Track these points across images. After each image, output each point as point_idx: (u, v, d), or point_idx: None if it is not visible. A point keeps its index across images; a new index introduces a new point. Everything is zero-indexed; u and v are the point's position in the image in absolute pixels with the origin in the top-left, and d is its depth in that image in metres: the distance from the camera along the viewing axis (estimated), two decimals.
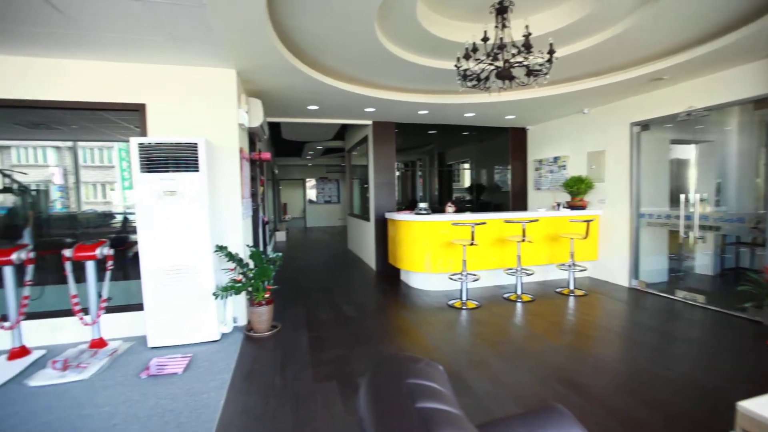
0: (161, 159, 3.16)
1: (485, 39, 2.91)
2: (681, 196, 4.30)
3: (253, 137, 4.87)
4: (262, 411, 2.35)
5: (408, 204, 10.58)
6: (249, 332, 3.55)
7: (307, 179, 14.96)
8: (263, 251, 3.87)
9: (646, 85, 4.45)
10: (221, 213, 3.65)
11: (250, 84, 4.11)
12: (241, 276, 3.47)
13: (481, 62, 3.04)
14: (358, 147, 7.73)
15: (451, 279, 4.63)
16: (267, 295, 3.50)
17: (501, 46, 2.92)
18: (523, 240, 4.64)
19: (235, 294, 3.34)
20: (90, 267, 3.24)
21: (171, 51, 3.22)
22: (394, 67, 4.00)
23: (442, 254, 4.91)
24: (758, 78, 3.71)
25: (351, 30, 3.13)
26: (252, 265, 3.62)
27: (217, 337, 3.39)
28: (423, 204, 5.13)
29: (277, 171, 13.19)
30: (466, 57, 3.04)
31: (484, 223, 4.74)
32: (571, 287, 4.84)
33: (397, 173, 6.92)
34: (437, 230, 4.90)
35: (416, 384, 0.84)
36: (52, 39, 2.93)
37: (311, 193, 15.10)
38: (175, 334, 3.29)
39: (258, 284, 3.40)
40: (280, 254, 3.74)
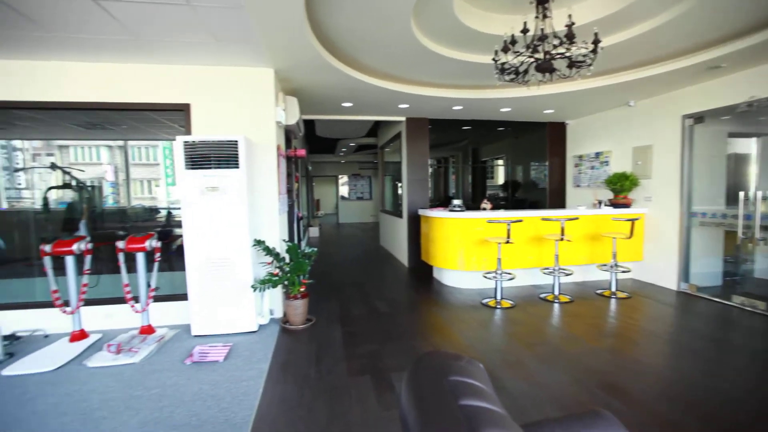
0: (204, 156, 3.31)
1: (525, 30, 2.81)
2: (740, 194, 3.98)
3: (289, 134, 4.99)
4: (298, 401, 2.41)
5: (441, 201, 10.48)
6: (285, 324, 3.66)
7: (340, 176, 15.16)
8: (298, 246, 3.97)
9: (701, 75, 4.14)
10: (259, 208, 3.77)
11: (287, 82, 4.21)
12: (278, 270, 3.58)
13: (520, 55, 2.95)
14: (391, 143, 7.73)
15: (486, 277, 4.54)
16: (302, 289, 3.59)
17: (542, 38, 2.82)
18: (562, 239, 4.47)
19: (272, 287, 3.45)
20: (140, 258, 3.46)
21: (214, 53, 3.36)
22: (429, 63, 3.96)
23: (476, 252, 4.83)
24: None
25: (386, 26, 3.12)
26: (288, 260, 3.72)
27: (255, 328, 3.51)
28: (457, 201, 5.06)
29: (311, 168, 13.46)
30: (505, 50, 2.95)
31: (521, 221, 4.61)
32: (613, 289, 4.62)
33: (430, 170, 6.86)
34: (471, 228, 4.82)
35: (458, 381, 0.83)
36: (109, 45, 3.13)
37: (343, 190, 15.29)
38: (216, 324, 3.44)
39: (294, 278, 3.49)
40: (315, 249, 3.82)
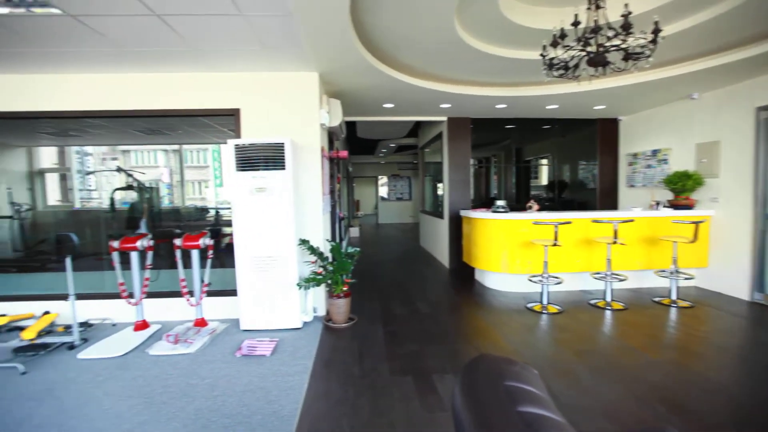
0: (253, 158, 3.46)
1: (576, 23, 2.68)
2: None
3: (332, 136, 5.09)
4: (342, 398, 2.46)
5: (482, 202, 10.25)
6: (328, 323, 3.74)
7: (380, 176, 15.26)
8: (341, 246, 4.05)
9: None
10: (304, 208, 3.89)
11: (331, 85, 4.30)
12: (321, 269, 3.67)
13: (571, 49, 2.82)
14: (432, 144, 7.68)
15: (531, 281, 4.38)
16: (345, 288, 3.65)
17: (595, 30, 2.67)
18: (615, 242, 4.21)
19: (316, 286, 3.54)
20: (195, 255, 3.67)
21: (262, 59, 3.50)
22: (473, 61, 3.89)
23: (521, 254, 4.67)
24: None
25: (429, 25, 3.10)
26: (331, 259, 3.80)
27: (299, 325, 3.62)
28: (501, 202, 4.92)
29: (351, 168, 13.66)
30: (554, 44, 2.84)
31: (569, 223, 4.40)
32: (673, 297, 4.28)
33: (471, 170, 6.72)
34: (516, 229, 4.67)
35: (515, 387, 0.81)
36: (168, 57, 3.36)
37: (383, 190, 15.38)
38: (263, 320, 3.58)
39: (337, 277, 3.56)
40: (358, 249, 3.87)
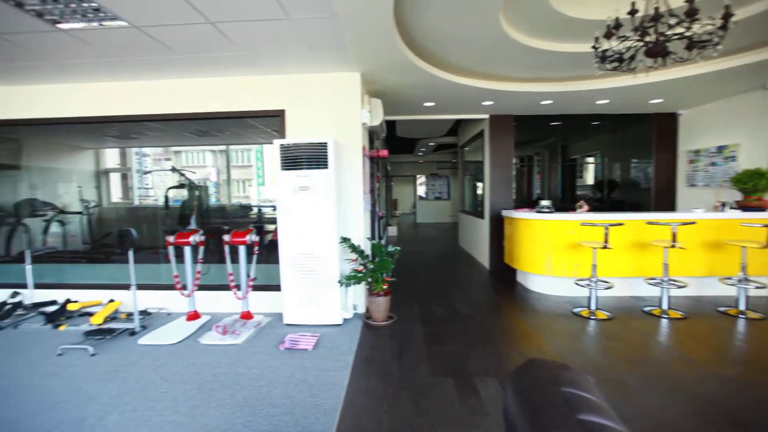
0: (297, 157, 3.57)
1: (633, 12, 2.53)
2: None
3: (372, 135, 5.14)
4: (382, 395, 2.47)
5: (524, 201, 9.92)
6: (367, 320, 3.77)
7: (418, 175, 15.19)
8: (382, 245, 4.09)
9: None
10: (345, 207, 3.95)
11: (372, 85, 4.33)
12: (362, 267, 3.71)
13: (626, 39, 2.66)
14: (472, 142, 7.53)
15: (578, 284, 4.17)
16: (385, 287, 3.67)
17: (655, 17, 2.50)
18: (673, 246, 3.92)
19: (356, 283, 3.59)
20: (242, 250, 3.84)
21: (307, 61, 3.59)
22: (518, 56, 3.77)
23: (567, 257, 4.47)
24: None
25: (473, 22, 3.04)
26: (372, 257, 3.83)
27: (340, 322, 3.69)
28: (545, 201, 4.74)
29: (390, 168, 13.70)
30: (607, 35, 2.69)
31: (621, 224, 4.15)
32: (741, 307, 3.92)
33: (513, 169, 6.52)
34: (562, 230, 4.48)
35: (573, 393, 0.77)
36: (220, 62, 3.53)
37: (421, 190, 15.30)
38: (305, 315, 3.68)
39: (378, 276, 3.59)
40: (399, 248, 3.88)
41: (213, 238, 4.32)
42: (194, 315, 3.86)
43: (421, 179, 15.25)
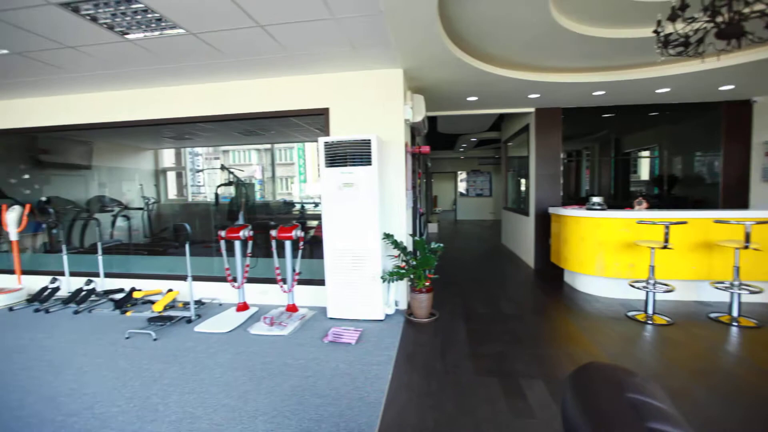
0: (341, 154, 3.63)
1: None
2: None
3: (414, 132, 5.11)
4: (426, 391, 2.47)
5: (571, 198, 9.46)
6: (409, 317, 3.78)
7: (459, 172, 14.94)
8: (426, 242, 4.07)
9: None
10: (387, 203, 3.97)
11: (415, 81, 4.31)
12: (404, 263, 3.72)
13: (694, 21, 2.44)
14: (516, 137, 7.29)
15: (633, 286, 3.92)
16: (427, 284, 3.65)
17: None
18: (746, 247, 3.57)
19: (399, 280, 3.61)
20: (287, 245, 3.98)
21: (350, 59, 3.64)
22: (568, 45, 3.58)
23: (620, 257, 4.21)
24: None
25: (521, 10, 2.93)
26: (414, 254, 3.83)
27: (382, 317, 3.72)
28: (597, 198, 4.49)
29: (430, 164, 13.58)
30: (672, 18, 2.48)
31: (684, 223, 3.84)
32: None
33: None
34: (616, 229, 4.22)
35: (640, 400, 0.73)
36: (268, 63, 3.66)
37: (462, 186, 15.03)
38: (348, 309, 3.75)
39: (420, 272, 3.58)
40: (442, 245, 3.85)
41: (260, 233, 4.51)
42: (243, 306, 4.06)
43: (462, 176, 14.98)
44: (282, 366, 2.83)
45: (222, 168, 8.75)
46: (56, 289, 4.61)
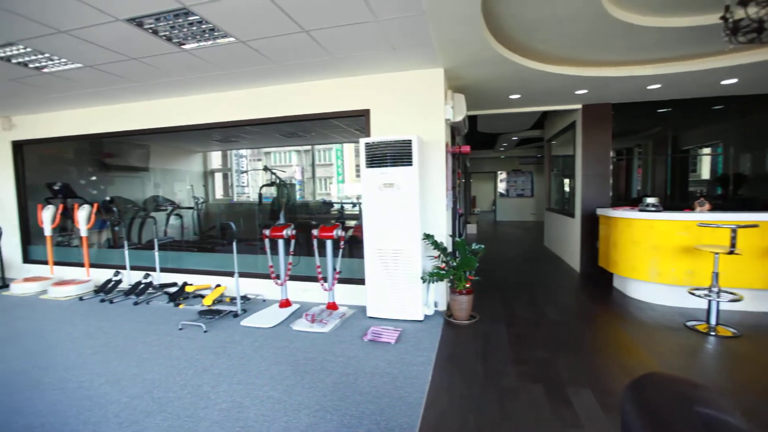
0: (381, 155, 3.66)
1: None
2: None
3: (454, 131, 5.05)
4: (467, 394, 2.43)
5: (620, 198, 8.93)
6: (449, 318, 3.74)
7: (499, 172, 14.56)
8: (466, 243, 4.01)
9: None
10: (428, 204, 3.96)
11: (455, 80, 4.26)
12: (444, 264, 3.68)
13: None
14: (561, 135, 6.99)
15: (693, 294, 3.63)
16: (468, 285, 3.60)
17: None
18: None
19: (439, 280, 3.58)
20: (328, 244, 4.07)
21: (391, 60, 3.66)
22: (620, 37, 3.39)
23: (678, 262, 3.92)
24: None
25: (569, 3, 2.81)
26: (455, 255, 3.78)
27: (421, 318, 3.71)
28: (651, 199, 4.21)
29: (468, 164, 13.35)
30: (743, 2, 2.29)
31: (756, 226, 3.51)
32: None
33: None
34: (673, 232, 3.94)
35: (711, 415, 0.68)
36: (311, 67, 3.76)
37: (502, 186, 14.64)
38: (387, 309, 3.77)
39: (460, 273, 3.53)
40: (483, 246, 3.77)
41: (301, 232, 4.64)
42: (286, 303, 4.20)
43: (502, 175, 14.59)
44: (323, 362, 2.89)
45: (265, 169, 9.10)
46: (119, 282, 5.00)
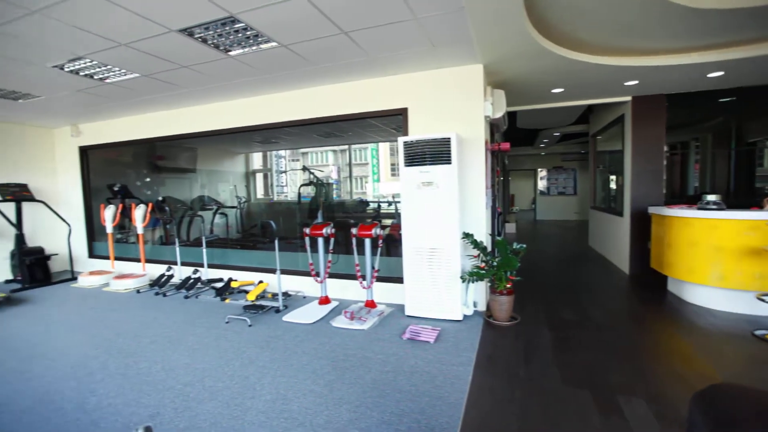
0: (420, 153, 3.64)
1: None
2: None
3: (493, 128, 4.93)
4: (509, 397, 2.38)
5: (674, 196, 8.36)
6: (488, 318, 3.66)
7: (539, 169, 14.05)
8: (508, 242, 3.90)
9: None
10: (467, 202, 3.90)
11: (495, 75, 4.16)
12: (484, 263, 3.61)
13: None
14: (608, 129, 6.63)
15: (762, 300, 3.33)
16: (509, 285, 3.51)
17: None
18: None
19: (479, 280, 3.51)
20: (367, 243, 4.10)
21: (429, 58, 3.63)
22: (677, 22, 3.17)
23: (745, 264, 3.61)
24: None
25: None
26: (495, 254, 3.70)
27: (460, 318, 3.66)
28: (712, 196, 3.90)
29: (507, 161, 13.00)
30: None
31: None
32: None
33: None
34: (737, 232, 3.63)
35: None
36: (349, 68, 3.81)
37: (542, 184, 14.12)
38: (426, 308, 3.76)
39: (501, 273, 3.45)
40: (524, 246, 3.66)
41: (339, 231, 4.72)
42: (325, 300, 4.29)
43: (543, 173, 14.07)
44: (363, 359, 2.93)
45: (303, 169, 9.34)
46: (171, 277, 5.33)
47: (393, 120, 4.49)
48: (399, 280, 4.08)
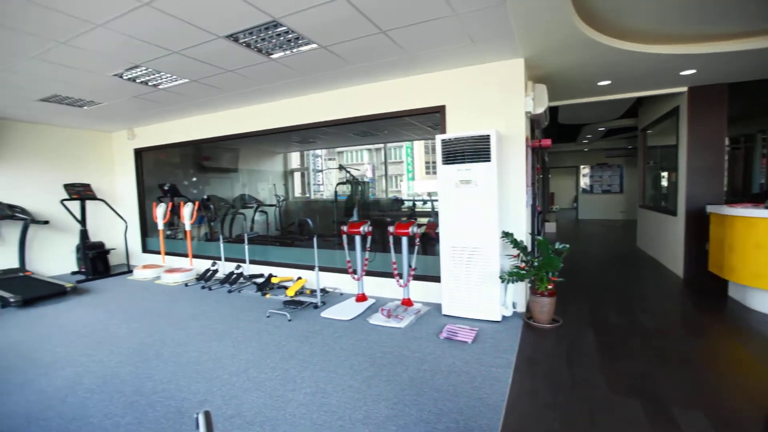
0: (458, 151, 3.59)
1: None
2: None
3: (533, 124, 4.77)
4: (551, 402, 2.30)
5: (736, 194, 7.72)
6: (528, 320, 3.56)
7: (582, 166, 13.43)
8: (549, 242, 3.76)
9: None
10: (506, 201, 3.80)
11: (536, 69, 4.02)
12: (524, 263, 3.51)
13: None
14: (660, 123, 6.22)
15: None
16: (550, 287, 3.39)
17: None
18: None
19: (519, 281, 3.42)
20: (404, 241, 4.11)
21: (468, 54, 3.57)
22: (742, 3, 2.91)
23: None
24: None
25: None
26: (535, 254, 3.59)
27: (498, 318, 3.58)
28: None
29: (547, 158, 12.53)
30: None
31: None
32: None
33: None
34: None
35: None
36: (387, 67, 3.83)
37: (584, 181, 13.49)
38: (463, 308, 3.71)
39: (542, 274, 3.34)
40: (567, 246, 3.52)
41: (376, 229, 4.75)
42: (362, 297, 4.34)
43: (585, 170, 13.43)
44: (400, 357, 2.94)
45: (340, 168, 9.50)
46: (215, 271, 5.60)
47: (430, 118, 4.45)
48: (435, 279, 4.06)
